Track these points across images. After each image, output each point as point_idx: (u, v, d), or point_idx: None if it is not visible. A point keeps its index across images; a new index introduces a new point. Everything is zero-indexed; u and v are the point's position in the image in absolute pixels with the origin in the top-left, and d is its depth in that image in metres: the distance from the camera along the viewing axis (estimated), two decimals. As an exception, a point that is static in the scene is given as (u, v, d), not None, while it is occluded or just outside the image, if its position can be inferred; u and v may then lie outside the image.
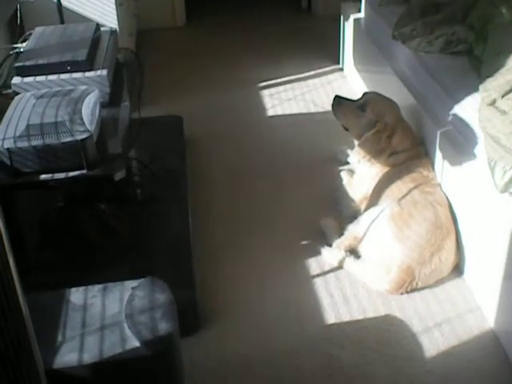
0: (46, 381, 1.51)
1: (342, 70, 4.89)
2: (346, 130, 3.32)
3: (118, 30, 3.46)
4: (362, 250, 2.87)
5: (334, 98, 3.33)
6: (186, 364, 2.04)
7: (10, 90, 2.78)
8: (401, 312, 2.66)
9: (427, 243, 2.70)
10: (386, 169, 3.10)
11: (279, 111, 4.36)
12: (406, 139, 3.10)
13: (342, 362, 2.44)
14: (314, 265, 2.93)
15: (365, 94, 3.37)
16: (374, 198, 3.01)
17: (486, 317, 2.59)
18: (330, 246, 2.96)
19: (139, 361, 1.73)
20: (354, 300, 2.73)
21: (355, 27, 4.47)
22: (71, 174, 2.38)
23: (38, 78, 2.77)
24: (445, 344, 2.50)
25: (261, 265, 2.95)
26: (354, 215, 3.07)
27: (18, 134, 2.34)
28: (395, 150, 3.09)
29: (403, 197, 2.84)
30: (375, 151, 3.12)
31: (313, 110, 4.36)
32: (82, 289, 1.95)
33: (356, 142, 3.24)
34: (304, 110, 4.36)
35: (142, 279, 1.96)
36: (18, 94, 2.69)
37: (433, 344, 2.50)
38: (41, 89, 2.73)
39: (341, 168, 3.55)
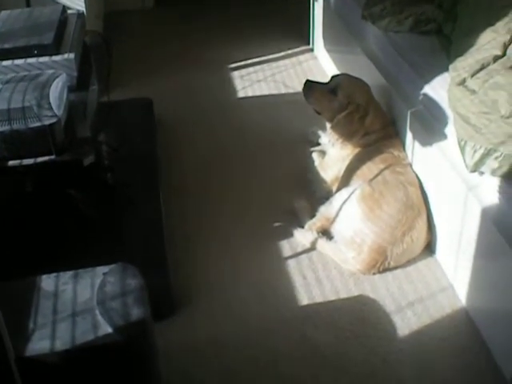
0: (16, 368, 1.49)
1: (312, 50, 4.87)
2: (318, 113, 3.30)
3: (85, 12, 3.41)
4: (333, 230, 2.88)
5: (305, 83, 3.30)
6: (160, 349, 2.04)
7: (-25, 76, 2.73)
8: (373, 292, 2.67)
9: (398, 223, 2.71)
10: (357, 150, 3.10)
11: (250, 93, 4.34)
12: (378, 120, 3.11)
13: (316, 343, 2.45)
14: (286, 246, 2.93)
15: (334, 76, 3.34)
16: (346, 179, 3.01)
17: (457, 295, 2.62)
18: (303, 227, 2.97)
19: (112, 347, 1.72)
20: (327, 281, 2.74)
21: (325, 7, 4.45)
22: (39, 159, 2.36)
23: (4, 63, 2.73)
24: (417, 323, 2.52)
25: (234, 247, 2.95)
26: (326, 196, 3.07)
27: (-16, 119, 2.31)
28: (367, 131, 3.09)
29: (374, 177, 2.85)
30: (348, 133, 3.11)
31: (283, 91, 4.35)
32: (53, 276, 1.93)
33: (328, 125, 3.23)
34: (275, 92, 4.35)
35: (113, 265, 1.95)
36: (-17, 79, 2.65)
37: (406, 323, 2.52)
38: (7, 73, 2.68)
39: (312, 149, 3.54)
